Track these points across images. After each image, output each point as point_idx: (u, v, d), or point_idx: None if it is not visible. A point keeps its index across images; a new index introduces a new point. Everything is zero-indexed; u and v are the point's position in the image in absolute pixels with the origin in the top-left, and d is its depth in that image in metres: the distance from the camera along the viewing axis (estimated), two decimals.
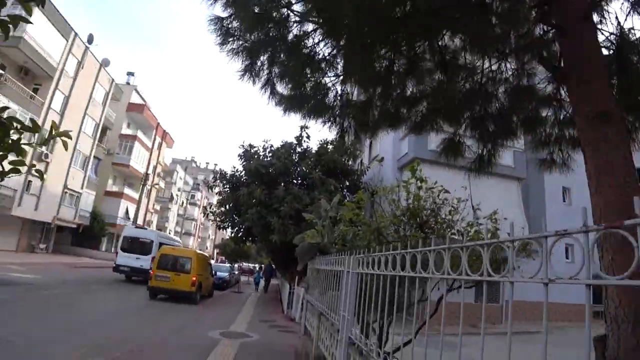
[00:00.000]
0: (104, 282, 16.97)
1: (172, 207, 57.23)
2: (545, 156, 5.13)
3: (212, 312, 11.87)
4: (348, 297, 3.47)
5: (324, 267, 5.27)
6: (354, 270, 3.48)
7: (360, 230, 5.03)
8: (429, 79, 4.57)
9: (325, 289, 5.07)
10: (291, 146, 15.85)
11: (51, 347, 5.91)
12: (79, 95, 28.30)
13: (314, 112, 4.85)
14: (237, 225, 16.67)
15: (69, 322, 7.84)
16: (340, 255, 4.38)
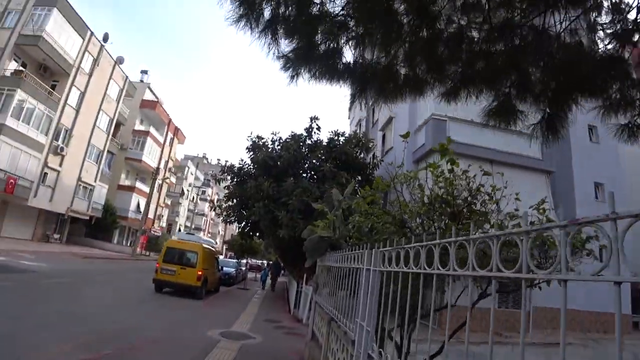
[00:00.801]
0: (111, 273, 16.82)
1: (182, 202, 57.52)
2: (630, 120, 3.98)
3: (216, 309, 11.48)
4: (368, 301, 2.91)
5: (336, 264, 4.74)
6: (376, 268, 2.92)
7: (380, 222, 4.48)
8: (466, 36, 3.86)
9: (337, 291, 4.55)
10: (300, 138, 15.33)
11: (36, 337, 5.55)
12: (94, 91, 28.55)
13: (324, 73, 4.22)
14: (244, 219, 16.26)
15: (64, 312, 7.51)
16: (356, 249, 3.86)
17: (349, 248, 4.99)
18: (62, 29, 23.85)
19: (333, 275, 4.98)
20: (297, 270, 16.71)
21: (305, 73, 4.25)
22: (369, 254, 3.17)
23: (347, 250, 4.69)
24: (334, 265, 4.92)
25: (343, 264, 4.33)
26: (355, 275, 3.69)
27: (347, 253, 4.14)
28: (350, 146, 15.40)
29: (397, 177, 4.89)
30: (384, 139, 18.80)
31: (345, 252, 4.40)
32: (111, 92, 31.24)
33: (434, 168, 4.31)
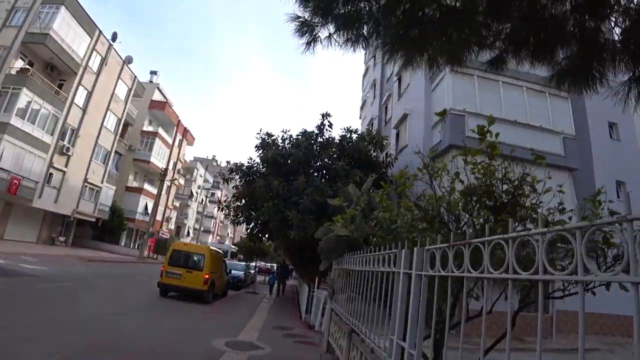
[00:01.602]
0: (115, 277, 16.24)
1: (191, 204, 57.23)
2: None
3: (222, 314, 10.75)
4: (410, 316, 2.14)
5: (357, 267, 3.97)
6: (421, 272, 2.16)
7: (410, 217, 3.71)
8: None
9: (359, 298, 3.79)
10: (312, 135, 14.59)
11: (21, 347, 4.88)
12: (101, 91, 28.28)
13: (347, 32, 3.50)
14: (253, 220, 15.55)
15: (57, 320, 6.85)
16: (383, 249, 3.10)
17: (371, 248, 4.24)
18: (69, 27, 23.59)
19: (353, 279, 4.23)
20: (308, 273, 15.92)
21: (324, 31, 3.54)
22: (408, 254, 2.41)
23: (369, 250, 3.94)
24: (354, 268, 4.14)
25: (368, 266, 3.58)
26: (384, 280, 2.95)
27: (375, 254, 3.37)
28: (364, 143, 14.64)
29: (425, 168, 4.15)
30: (397, 137, 17.98)
31: (370, 252, 3.65)
32: (119, 92, 30.97)
33: (473, 154, 3.57)
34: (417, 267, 2.19)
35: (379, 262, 3.11)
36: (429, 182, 4.12)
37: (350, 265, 4.38)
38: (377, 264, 3.17)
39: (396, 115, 18.16)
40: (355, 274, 4.27)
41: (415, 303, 2.15)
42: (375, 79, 25.43)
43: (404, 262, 2.42)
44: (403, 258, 2.47)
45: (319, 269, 5.50)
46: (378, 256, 3.18)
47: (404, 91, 17.89)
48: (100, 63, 27.76)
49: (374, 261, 3.35)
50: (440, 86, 14.14)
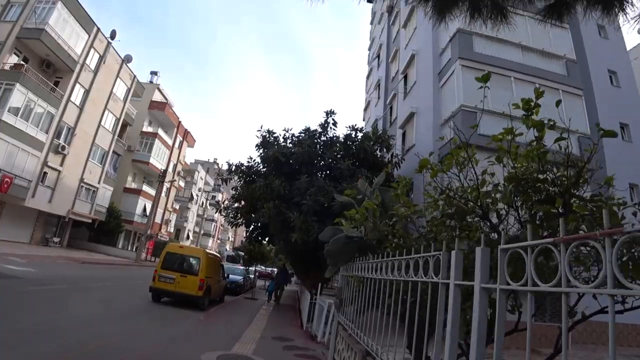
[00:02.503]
0: (108, 280, 15.49)
1: (191, 207, 56.50)
2: None
3: (218, 322, 9.99)
4: (474, 343, 1.43)
5: (374, 274, 3.24)
6: (490, 285, 1.45)
7: (440, 213, 3.00)
8: None
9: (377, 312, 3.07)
10: (315, 134, 13.89)
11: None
12: (99, 89, 27.68)
13: None
14: (252, 222, 14.84)
15: (38, 326, 6.19)
16: (411, 253, 2.39)
17: (389, 252, 3.51)
18: (66, 23, 23.03)
19: (368, 289, 3.51)
20: (310, 279, 15.16)
21: None
22: (460, 259, 1.69)
23: (386, 254, 3.23)
24: (370, 276, 3.42)
25: (390, 274, 2.86)
26: (424, 294, 2.24)
27: (402, 258, 2.65)
28: (369, 142, 13.93)
29: (448, 159, 3.46)
30: (404, 137, 17.27)
31: (393, 256, 2.94)
32: (118, 91, 30.37)
33: (507, 133, 2.89)
34: (482, 277, 1.47)
35: (410, 269, 2.39)
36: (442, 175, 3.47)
37: (364, 271, 3.65)
38: (407, 271, 2.45)
39: (402, 114, 17.46)
40: (370, 282, 3.55)
41: (481, 328, 1.43)
42: (379, 78, 24.78)
43: (455, 270, 1.71)
44: (454, 263, 1.75)
45: (325, 275, 4.76)
46: (408, 261, 2.46)
47: (411, 89, 17.22)
48: (98, 61, 27.17)
49: (401, 267, 2.63)
50: (450, 82, 13.46)
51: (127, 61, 30.77)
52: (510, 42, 13.96)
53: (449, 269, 1.81)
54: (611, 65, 15.89)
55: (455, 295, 1.65)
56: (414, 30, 18.07)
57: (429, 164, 4.11)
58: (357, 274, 3.89)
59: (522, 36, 14.32)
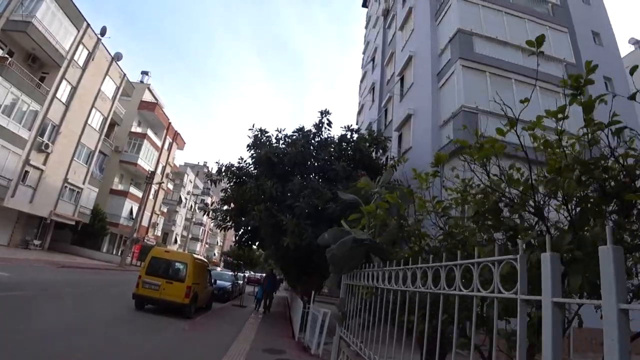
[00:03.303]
0: (88, 285, 14.65)
1: (180, 211, 55.34)
2: None
3: (204, 332, 9.29)
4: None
5: (398, 286, 2.68)
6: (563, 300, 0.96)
7: (475, 209, 2.48)
8: None
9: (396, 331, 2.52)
10: (309, 134, 13.33)
11: None
12: (87, 87, 26.81)
13: None
14: (242, 226, 14.16)
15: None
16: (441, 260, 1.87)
17: (404, 256, 3.00)
18: (54, 17, 22.24)
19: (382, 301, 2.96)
20: (302, 286, 14.54)
21: None
22: (524, 264, 1.16)
23: (402, 262, 2.71)
24: (391, 287, 2.85)
25: (426, 286, 2.30)
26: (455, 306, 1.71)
27: (448, 264, 2.09)
28: (365, 144, 13.42)
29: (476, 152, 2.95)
30: (400, 140, 16.86)
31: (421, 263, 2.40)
32: (106, 90, 29.51)
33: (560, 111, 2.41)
34: (554, 290, 0.93)
35: (457, 280, 1.84)
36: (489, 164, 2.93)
37: (378, 281, 3.09)
38: (450, 283, 1.90)
39: (398, 116, 17.08)
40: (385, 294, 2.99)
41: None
42: (374, 81, 24.46)
43: (521, 281, 1.17)
44: (520, 271, 1.21)
45: (326, 285, 4.21)
46: (451, 268, 1.91)
47: (407, 91, 16.86)
48: (87, 58, 26.35)
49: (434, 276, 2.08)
50: (450, 82, 13.09)
51: (117, 59, 29.96)
52: (511, 44, 13.69)
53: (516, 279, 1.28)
54: (607, 72, 15.72)
55: (552, 314, 1.10)
56: (411, 32, 17.78)
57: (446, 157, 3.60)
58: (368, 284, 3.33)
59: (522, 38, 14.07)
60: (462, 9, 13.90)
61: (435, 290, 2.30)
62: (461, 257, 1.97)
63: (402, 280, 2.54)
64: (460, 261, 2.03)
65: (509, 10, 14.57)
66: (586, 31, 16.15)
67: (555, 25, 15.20)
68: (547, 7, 15.72)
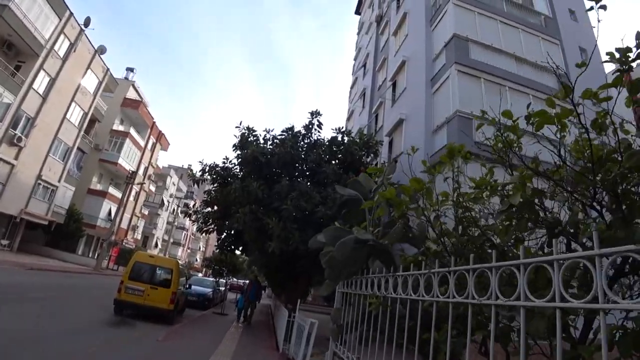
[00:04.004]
0: (58, 289, 13.64)
1: (161, 214, 53.78)
2: None
3: (179, 344, 8.55)
4: None
5: (414, 295, 2.18)
6: None
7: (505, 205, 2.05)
8: None
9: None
10: (298, 134, 12.81)
11: None
12: (67, 79, 25.70)
13: None
14: (225, 229, 13.46)
15: None
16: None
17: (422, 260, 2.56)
18: (34, 2, 21.22)
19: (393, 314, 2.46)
20: (287, 293, 13.91)
21: None
22: None
23: (420, 265, 2.23)
24: (403, 296, 2.33)
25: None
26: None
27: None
28: (355, 147, 12.99)
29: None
30: (390, 145, 16.53)
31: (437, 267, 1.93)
32: (88, 84, 28.39)
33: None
34: None
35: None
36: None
37: (388, 290, 2.58)
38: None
39: (390, 121, 16.77)
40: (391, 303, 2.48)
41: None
42: (365, 87, 24.22)
43: None
44: None
45: (321, 293, 3.66)
46: (483, 270, 1.42)
47: (400, 96, 16.58)
48: (69, 48, 25.26)
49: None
50: (444, 87, 12.83)
51: (100, 52, 28.92)
52: (505, 52, 13.58)
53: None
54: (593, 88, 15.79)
55: None
56: (405, 37, 17.59)
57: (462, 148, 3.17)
58: (371, 292, 2.81)
59: (516, 47, 14.01)
60: (458, 14, 13.74)
61: (461, 299, 1.82)
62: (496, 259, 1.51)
63: (421, 289, 2.04)
64: (499, 263, 1.56)
65: (503, 19, 14.50)
66: (574, 46, 16.25)
67: (548, 37, 15.21)
68: (540, 18, 15.76)
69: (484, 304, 1.61)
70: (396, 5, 20.65)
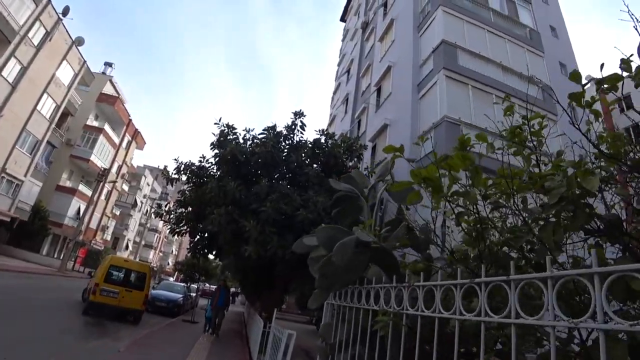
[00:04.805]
0: (14, 292, 12.51)
1: (134, 215, 51.77)
2: None
3: (141, 356, 7.78)
4: None
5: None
6: None
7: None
8: None
9: None
10: (280, 135, 12.27)
11: None
12: (40, 69, 24.34)
13: None
14: (199, 231, 12.70)
15: None
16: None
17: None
18: None
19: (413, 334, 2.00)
20: (262, 301, 13.26)
21: None
22: None
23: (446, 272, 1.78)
24: (429, 314, 1.83)
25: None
26: None
27: None
28: (340, 150, 12.57)
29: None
30: (374, 151, 16.25)
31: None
32: (62, 75, 26.99)
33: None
34: None
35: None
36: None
37: (401, 304, 2.11)
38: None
39: (373, 127, 16.52)
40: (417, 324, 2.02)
41: None
42: (348, 93, 24.04)
43: None
44: None
45: (309, 306, 3.10)
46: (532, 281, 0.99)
47: (384, 101, 16.37)
48: (44, 37, 23.92)
49: None
50: (432, 93, 12.65)
51: (78, 44, 27.62)
52: (492, 61, 13.56)
53: None
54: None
55: None
56: (391, 43, 17.47)
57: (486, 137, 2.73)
58: (386, 307, 2.33)
59: (503, 57, 14.02)
60: (447, 21, 13.67)
61: (500, 319, 1.38)
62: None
63: (437, 303, 1.57)
64: (562, 272, 1.14)
65: (491, 29, 14.53)
66: (554, 62, 16.50)
67: (532, 49, 15.36)
68: (526, 31, 15.92)
69: (532, 324, 1.17)
70: (383, 12, 20.61)
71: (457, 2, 14.59)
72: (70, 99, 28.84)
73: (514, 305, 1.27)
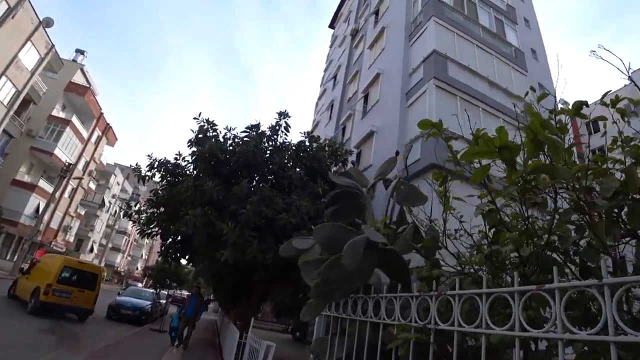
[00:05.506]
0: None
1: (101, 215, 49.07)
2: None
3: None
4: None
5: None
6: None
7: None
8: None
9: None
10: (263, 135, 11.65)
11: None
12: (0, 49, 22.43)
13: None
14: (171, 234, 11.80)
15: None
16: None
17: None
18: None
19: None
20: (239, 310, 12.46)
21: None
22: None
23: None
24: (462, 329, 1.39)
25: None
26: None
27: None
28: (324, 154, 12.11)
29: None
30: (359, 157, 15.93)
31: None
32: (26, 59, 25.07)
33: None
34: None
35: None
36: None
37: (435, 318, 1.64)
38: None
39: (359, 134, 16.23)
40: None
41: None
42: (333, 99, 23.77)
43: None
44: None
45: (302, 318, 2.56)
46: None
47: (371, 108, 16.15)
48: (6, 13, 22.02)
49: None
50: (420, 101, 12.49)
51: (46, 25, 25.78)
52: (480, 75, 13.62)
53: None
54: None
55: None
56: (381, 51, 17.36)
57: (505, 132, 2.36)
58: (403, 321, 1.85)
59: (490, 72, 14.12)
60: (439, 32, 13.66)
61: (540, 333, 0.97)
62: None
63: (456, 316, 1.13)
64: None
65: (480, 45, 14.67)
66: (535, 83, 16.93)
67: (517, 67, 15.62)
68: (511, 49, 16.19)
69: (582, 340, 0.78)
70: (374, 20, 20.57)
71: (449, 14, 14.66)
72: (34, 85, 26.86)
73: (560, 315, 0.85)
